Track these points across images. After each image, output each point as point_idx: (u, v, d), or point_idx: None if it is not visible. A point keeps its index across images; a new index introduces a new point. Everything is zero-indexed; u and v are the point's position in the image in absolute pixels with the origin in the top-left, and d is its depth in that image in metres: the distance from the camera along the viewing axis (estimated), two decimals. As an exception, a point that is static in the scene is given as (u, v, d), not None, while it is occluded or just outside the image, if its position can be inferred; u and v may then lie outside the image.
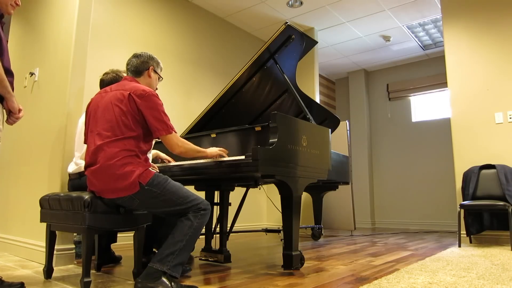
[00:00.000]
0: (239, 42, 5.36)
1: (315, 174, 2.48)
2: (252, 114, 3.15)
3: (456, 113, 4.11)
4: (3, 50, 1.76)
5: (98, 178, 1.79)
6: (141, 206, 1.83)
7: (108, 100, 1.89)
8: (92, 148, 1.83)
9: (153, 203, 1.79)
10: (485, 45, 4.04)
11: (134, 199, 1.77)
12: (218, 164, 2.18)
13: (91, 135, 1.88)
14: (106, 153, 1.77)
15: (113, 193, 1.77)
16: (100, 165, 1.77)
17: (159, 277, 1.67)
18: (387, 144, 6.81)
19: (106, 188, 1.78)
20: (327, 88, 7.42)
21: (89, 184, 1.85)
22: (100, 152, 1.79)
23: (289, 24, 2.56)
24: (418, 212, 6.29)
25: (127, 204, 1.82)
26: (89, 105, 1.98)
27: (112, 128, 1.82)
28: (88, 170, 1.84)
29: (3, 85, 1.72)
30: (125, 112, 1.84)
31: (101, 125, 1.85)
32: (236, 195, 4.73)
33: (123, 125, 1.82)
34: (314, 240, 4.24)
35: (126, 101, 1.85)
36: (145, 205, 1.82)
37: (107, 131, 1.81)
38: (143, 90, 1.88)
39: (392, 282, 1.93)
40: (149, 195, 1.76)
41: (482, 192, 3.67)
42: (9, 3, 1.84)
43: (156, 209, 1.84)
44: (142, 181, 1.74)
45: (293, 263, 2.26)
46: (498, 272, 2.22)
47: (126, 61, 2.08)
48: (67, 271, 2.29)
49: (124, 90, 1.89)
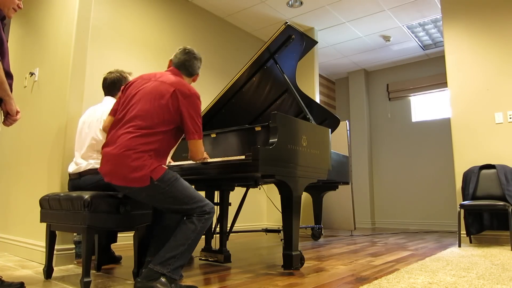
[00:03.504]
0: (239, 42, 5.36)
1: (315, 174, 2.48)
2: (252, 114, 3.15)
3: (456, 113, 4.11)
4: (4, 53, 1.75)
5: (112, 162, 1.76)
6: (147, 200, 1.83)
7: (151, 89, 1.87)
8: (117, 128, 1.82)
9: (160, 199, 1.79)
10: (485, 45, 4.04)
11: (142, 192, 1.76)
12: (218, 164, 2.18)
13: (122, 116, 1.86)
14: (128, 142, 1.75)
15: (123, 181, 1.75)
16: (117, 152, 1.75)
17: (158, 278, 1.67)
18: (387, 144, 6.81)
19: (117, 174, 1.75)
20: (327, 88, 7.42)
21: (102, 164, 1.81)
22: (124, 137, 1.77)
23: (289, 24, 2.56)
24: (418, 212, 6.29)
25: (134, 195, 1.81)
26: (129, 86, 1.96)
27: (146, 118, 1.80)
28: (105, 150, 1.82)
29: (3, 88, 1.71)
30: (165, 107, 1.83)
31: (135, 111, 1.82)
32: (236, 195, 4.73)
33: (158, 119, 1.81)
34: (314, 240, 4.24)
35: (169, 96, 1.84)
36: (152, 199, 1.81)
37: (139, 120, 1.80)
38: (189, 90, 1.89)
39: (392, 282, 1.93)
40: (157, 190, 1.76)
41: (482, 192, 3.67)
42: (11, 6, 1.84)
43: (162, 205, 1.83)
44: (154, 176, 1.73)
45: (293, 263, 2.26)
46: (498, 272, 2.22)
47: (180, 51, 2.04)
48: (67, 271, 2.29)
49: (170, 85, 1.88)
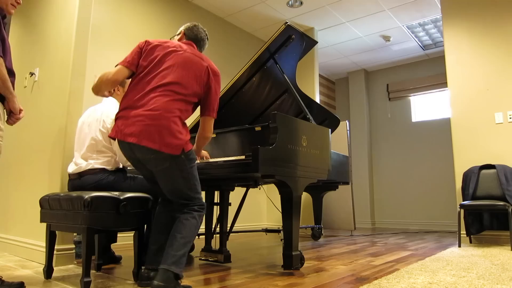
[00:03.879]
0: (239, 42, 5.36)
1: (315, 174, 2.48)
2: (252, 114, 3.15)
3: (456, 113, 4.11)
4: (6, 51, 1.75)
5: (145, 123, 1.68)
6: (163, 172, 1.75)
7: (186, 59, 1.86)
8: (146, 91, 1.76)
9: (176, 175, 1.74)
10: (485, 45, 4.04)
11: (167, 161, 1.71)
12: (218, 164, 2.18)
13: (152, 79, 1.79)
14: (166, 104, 1.72)
15: (157, 144, 1.67)
16: (153, 113, 1.69)
17: (177, 281, 1.64)
18: (387, 144, 6.81)
19: (151, 136, 1.67)
20: (327, 88, 7.42)
21: (127, 125, 1.71)
22: (159, 99, 1.72)
23: (289, 24, 2.56)
24: (418, 212, 6.29)
25: (155, 163, 1.72)
26: (153, 46, 1.88)
27: (183, 87, 1.79)
28: (134, 112, 1.72)
29: (6, 86, 1.71)
30: (199, 79, 1.85)
31: (171, 78, 1.78)
32: (236, 195, 4.73)
33: (192, 90, 1.81)
34: (314, 240, 4.24)
35: (204, 71, 1.87)
36: (168, 173, 1.74)
37: (177, 87, 1.77)
38: (216, 69, 1.95)
39: (392, 282, 1.93)
40: (180, 165, 1.73)
41: (482, 192, 3.67)
42: (9, 2, 1.83)
43: (172, 184, 1.76)
44: (185, 148, 1.72)
45: (293, 263, 2.26)
46: (498, 272, 2.22)
47: (194, 26, 2.04)
48: (67, 271, 2.29)
49: (203, 60, 1.91)
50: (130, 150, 1.75)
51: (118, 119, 1.78)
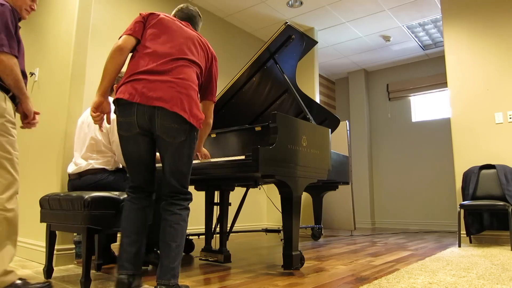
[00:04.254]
0: (239, 42, 5.36)
1: (315, 174, 2.48)
2: (252, 114, 3.15)
3: (456, 113, 4.11)
4: (20, 53, 1.75)
5: (176, 89, 1.62)
6: (177, 146, 1.64)
7: (192, 36, 1.81)
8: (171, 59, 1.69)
9: (185, 153, 1.67)
10: (485, 45, 4.04)
11: (186, 134, 1.64)
12: (218, 164, 2.18)
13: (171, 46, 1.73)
14: (192, 76, 1.70)
15: (185, 112, 1.61)
16: (186, 82, 1.66)
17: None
18: (387, 144, 6.81)
19: (178, 102, 1.60)
20: (327, 88, 7.42)
21: (145, 90, 1.60)
22: (185, 70, 1.69)
23: (289, 24, 2.56)
24: (418, 212, 6.29)
25: (176, 134, 1.62)
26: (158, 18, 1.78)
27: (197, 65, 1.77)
28: (155, 77, 1.63)
29: (19, 86, 1.69)
30: (205, 60, 1.84)
31: (186, 52, 1.74)
32: (236, 195, 4.73)
33: (203, 68, 1.80)
34: (314, 240, 4.24)
35: (207, 53, 1.86)
36: (181, 148, 1.65)
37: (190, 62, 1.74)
38: (215, 54, 1.92)
39: (392, 282, 1.93)
40: (192, 142, 1.68)
41: (482, 192, 3.67)
42: (24, 7, 1.83)
43: (178, 161, 1.66)
44: (199, 126, 1.70)
45: (293, 263, 2.26)
46: (498, 272, 2.22)
47: (185, 7, 1.98)
48: (67, 271, 2.29)
49: (208, 45, 1.88)
50: (148, 115, 1.61)
51: (135, 81, 1.63)
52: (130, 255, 1.63)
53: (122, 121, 1.67)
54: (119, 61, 1.68)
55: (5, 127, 1.66)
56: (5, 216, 1.61)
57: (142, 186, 1.73)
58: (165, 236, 1.61)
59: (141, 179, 1.72)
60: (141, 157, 1.70)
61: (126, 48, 1.71)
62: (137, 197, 1.72)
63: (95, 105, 1.68)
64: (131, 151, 1.70)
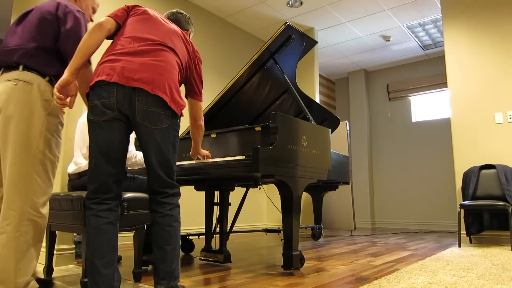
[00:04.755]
0: (239, 42, 5.36)
1: (315, 174, 2.48)
2: (252, 114, 3.15)
3: (456, 113, 4.11)
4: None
5: (158, 72, 1.53)
6: (159, 132, 1.53)
7: (176, 30, 1.74)
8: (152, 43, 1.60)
9: (169, 140, 1.55)
10: (485, 45, 4.04)
11: (168, 120, 1.54)
12: (218, 164, 2.18)
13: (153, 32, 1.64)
14: (173, 61, 1.62)
15: (166, 96, 1.52)
16: (167, 65, 1.57)
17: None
18: (387, 144, 6.81)
19: (163, 86, 1.52)
20: (327, 88, 7.42)
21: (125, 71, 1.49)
22: (166, 54, 1.60)
23: (289, 24, 2.56)
24: (418, 212, 6.29)
25: (156, 118, 1.51)
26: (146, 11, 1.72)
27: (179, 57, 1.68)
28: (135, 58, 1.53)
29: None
30: (189, 56, 1.75)
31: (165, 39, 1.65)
32: (236, 195, 4.73)
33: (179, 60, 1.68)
34: (314, 240, 4.24)
35: (191, 51, 1.78)
36: (163, 135, 1.54)
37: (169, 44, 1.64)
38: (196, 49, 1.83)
39: (392, 282, 1.93)
40: (174, 129, 1.58)
41: (482, 192, 3.67)
42: (89, 12, 1.85)
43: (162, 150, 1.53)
44: (181, 114, 1.60)
45: (293, 263, 2.26)
46: (498, 272, 2.22)
47: (174, 10, 1.97)
48: (67, 271, 2.29)
49: (186, 35, 1.80)
50: (128, 98, 1.48)
51: (112, 61, 1.52)
52: (107, 278, 1.42)
53: (96, 104, 1.49)
54: (96, 37, 1.56)
55: (57, 128, 1.64)
56: (37, 222, 1.53)
57: (109, 189, 1.51)
58: (158, 240, 1.49)
59: (109, 178, 1.51)
60: (113, 147, 1.50)
61: (106, 27, 1.59)
62: (104, 209, 1.49)
63: (62, 83, 1.48)
64: (103, 140, 1.49)
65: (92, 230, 1.46)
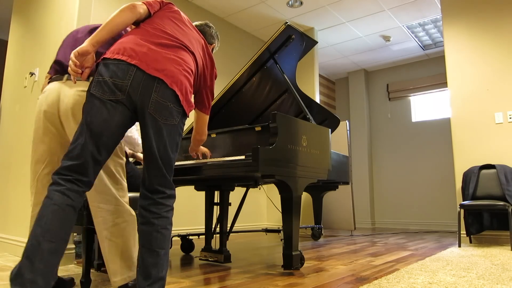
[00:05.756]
0: (239, 42, 5.36)
1: (315, 174, 2.48)
2: (252, 114, 3.15)
3: (456, 113, 4.11)
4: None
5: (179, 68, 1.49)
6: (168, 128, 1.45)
7: (200, 38, 1.73)
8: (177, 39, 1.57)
9: (175, 138, 1.49)
10: (485, 45, 4.04)
11: (178, 117, 1.47)
12: (218, 164, 2.18)
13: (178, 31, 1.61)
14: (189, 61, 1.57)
15: (181, 94, 1.47)
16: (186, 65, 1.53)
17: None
18: (387, 144, 6.81)
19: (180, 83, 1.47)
20: (327, 88, 7.42)
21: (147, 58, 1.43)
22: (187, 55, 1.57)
23: (289, 24, 2.56)
24: (418, 212, 6.29)
25: (168, 114, 1.43)
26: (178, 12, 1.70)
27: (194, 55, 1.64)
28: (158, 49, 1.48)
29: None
30: (205, 66, 1.72)
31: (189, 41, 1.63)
32: (236, 195, 4.73)
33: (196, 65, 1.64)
34: (314, 240, 4.24)
35: (210, 62, 1.76)
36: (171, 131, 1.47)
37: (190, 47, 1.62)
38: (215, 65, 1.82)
39: (392, 282, 1.93)
40: (181, 128, 1.53)
41: (482, 192, 3.67)
42: None
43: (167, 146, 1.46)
44: (189, 112, 1.55)
45: (293, 263, 2.26)
46: (498, 272, 2.22)
47: (196, 22, 1.98)
48: (67, 271, 2.29)
49: (209, 48, 1.77)
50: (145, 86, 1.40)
51: (137, 45, 1.46)
52: (50, 267, 1.21)
53: (107, 81, 1.38)
54: (125, 17, 1.50)
55: None
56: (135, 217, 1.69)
57: (87, 172, 1.35)
58: (151, 242, 1.39)
59: (91, 162, 1.36)
60: (108, 130, 1.39)
61: (138, 10, 1.53)
62: (74, 189, 1.32)
63: (81, 50, 1.43)
64: (101, 119, 1.37)
65: (51, 207, 1.25)
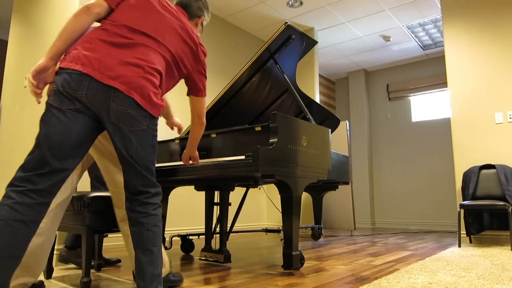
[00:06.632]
0: (239, 42, 5.36)
1: (315, 174, 2.48)
2: (252, 114, 3.15)
3: (456, 113, 4.11)
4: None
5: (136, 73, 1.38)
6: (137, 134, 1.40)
7: (170, 24, 1.56)
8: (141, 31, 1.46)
9: (147, 141, 1.43)
10: (485, 45, 4.04)
11: (145, 121, 1.41)
12: (218, 164, 2.18)
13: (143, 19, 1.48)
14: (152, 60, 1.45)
15: (143, 99, 1.38)
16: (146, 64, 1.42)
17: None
18: (387, 144, 6.81)
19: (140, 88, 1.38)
20: (327, 88, 7.42)
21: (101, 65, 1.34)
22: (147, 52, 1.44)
23: (289, 24, 2.56)
24: (418, 212, 6.29)
25: (133, 121, 1.38)
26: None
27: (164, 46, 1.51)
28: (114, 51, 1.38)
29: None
30: (189, 52, 1.61)
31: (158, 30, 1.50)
32: (236, 195, 4.73)
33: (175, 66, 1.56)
34: (314, 240, 4.24)
35: (190, 42, 1.63)
36: (142, 136, 1.41)
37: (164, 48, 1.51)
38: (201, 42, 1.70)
39: (392, 282, 1.93)
40: (153, 130, 1.45)
41: (482, 192, 3.67)
42: None
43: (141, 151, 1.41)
44: (156, 114, 1.45)
45: (293, 263, 2.26)
46: (498, 272, 2.22)
47: None
48: (67, 271, 2.29)
49: (190, 28, 1.64)
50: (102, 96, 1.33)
51: (90, 50, 1.36)
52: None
53: (61, 92, 1.31)
54: (82, 21, 1.39)
55: None
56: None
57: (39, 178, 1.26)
58: (143, 241, 1.39)
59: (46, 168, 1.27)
60: (69, 139, 1.31)
61: (93, 11, 1.41)
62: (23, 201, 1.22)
63: (39, 68, 1.34)
64: (60, 129, 1.29)
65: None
